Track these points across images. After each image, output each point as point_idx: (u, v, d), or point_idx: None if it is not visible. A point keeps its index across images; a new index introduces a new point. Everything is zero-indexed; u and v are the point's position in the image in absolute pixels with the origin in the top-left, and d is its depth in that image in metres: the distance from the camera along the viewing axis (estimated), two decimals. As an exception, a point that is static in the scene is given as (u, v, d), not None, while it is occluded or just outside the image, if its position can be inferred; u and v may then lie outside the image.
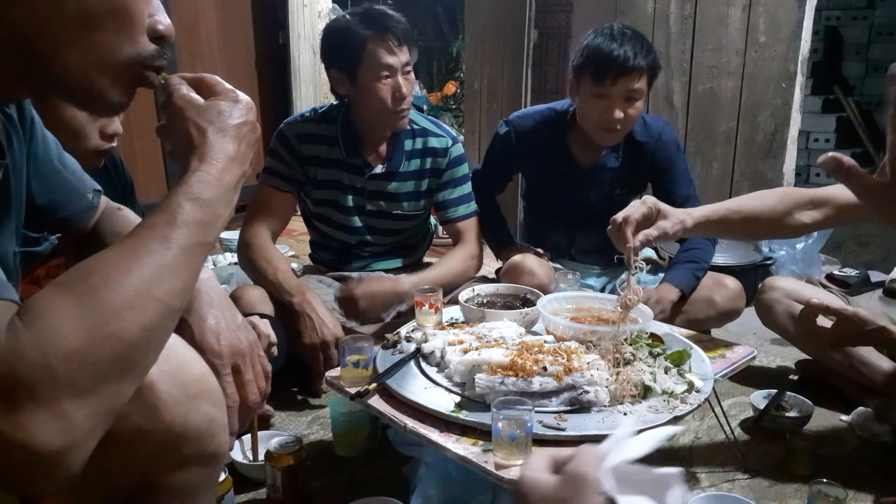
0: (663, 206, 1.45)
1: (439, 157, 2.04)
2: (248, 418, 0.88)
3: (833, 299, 1.93)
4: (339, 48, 1.89)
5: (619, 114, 1.92)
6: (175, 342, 0.75)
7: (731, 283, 2.05)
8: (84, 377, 0.57)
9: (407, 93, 1.88)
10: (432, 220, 2.33)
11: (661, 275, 2.17)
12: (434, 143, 2.05)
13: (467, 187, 2.11)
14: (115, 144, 1.41)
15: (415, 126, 2.04)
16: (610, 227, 1.42)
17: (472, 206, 2.10)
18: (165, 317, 0.63)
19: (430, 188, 2.08)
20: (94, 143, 1.34)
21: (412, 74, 1.91)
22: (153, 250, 0.64)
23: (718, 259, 2.62)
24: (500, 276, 2.07)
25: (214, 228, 0.71)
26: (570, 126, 2.10)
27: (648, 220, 1.43)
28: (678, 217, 1.45)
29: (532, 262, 1.94)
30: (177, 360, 0.74)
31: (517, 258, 1.97)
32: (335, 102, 2.04)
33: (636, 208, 1.43)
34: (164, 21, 0.74)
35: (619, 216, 1.42)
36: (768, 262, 2.72)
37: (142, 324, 0.60)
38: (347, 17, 1.89)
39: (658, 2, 3.07)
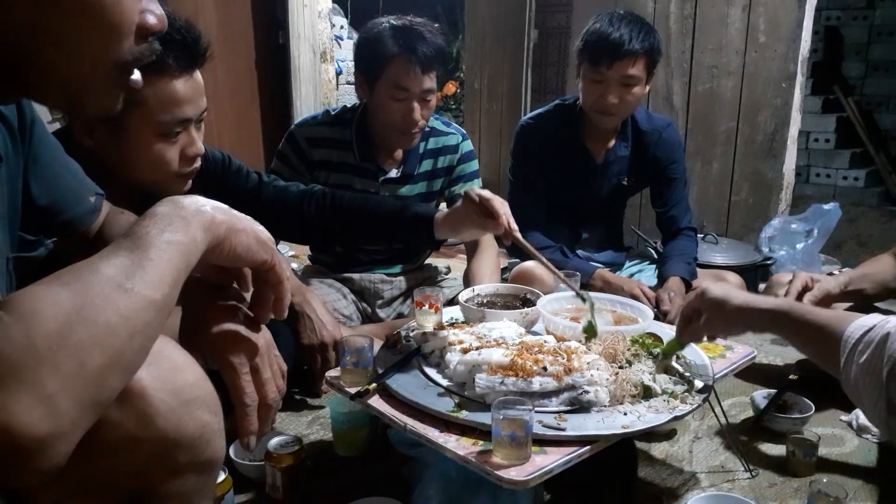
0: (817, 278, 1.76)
1: (451, 154, 2.05)
2: (268, 418, 0.87)
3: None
4: (366, 54, 1.89)
5: (613, 99, 1.97)
6: (168, 346, 0.73)
7: (733, 277, 2.11)
8: (66, 358, 0.56)
9: (419, 118, 1.87)
10: None
11: (652, 266, 2.23)
12: (444, 141, 2.05)
13: (477, 183, 2.11)
14: (198, 165, 1.35)
15: (425, 127, 2.02)
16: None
17: None
18: (143, 307, 0.63)
19: (442, 187, 2.09)
20: (175, 168, 1.30)
21: (433, 101, 1.89)
22: (126, 246, 0.66)
23: (719, 259, 2.63)
24: (509, 280, 2.07)
25: (189, 227, 0.71)
26: (581, 119, 2.13)
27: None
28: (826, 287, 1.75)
29: (542, 270, 1.94)
30: (169, 364, 0.72)
31: (528, 264, 1.99)
32: (348, 105, 2.04)
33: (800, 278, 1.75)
34: (155, 13, 0.72)
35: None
36: (768, 262, 2.73)
37: (116, 310, 0.61)
38: (386, 24, 1.87)
39: (658, 2, 3.07)
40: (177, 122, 1.27)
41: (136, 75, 0.75)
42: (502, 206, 1.38)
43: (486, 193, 1.40)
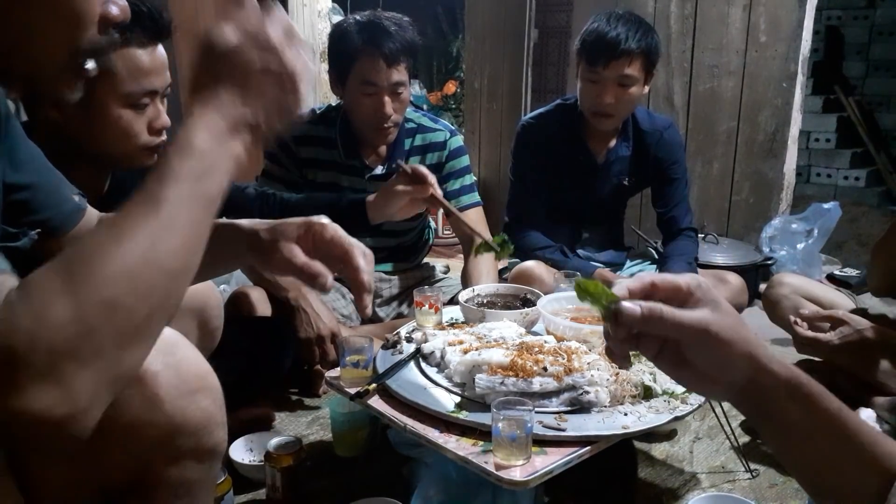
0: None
1: (439, 151, 2.04)
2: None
3: (838, 297, 1.93)
4: (335, 51, 1.90)
5: (609, 99, 1.96)
6: (179, 341, 0.76)
7: (733, 278, 2.11)
8: (84, 345, 0.56)
9: (391, 111, 1.86)
10: (432, 223, 2.32)
11: (652, 266, 2.22)
12: (432, 137, 2.04)
13: (469, 178, 2.10)
14: (164, 138, 1.37)
15: (412, 124, 2.03)
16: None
17: (475, 196, 2.08)
18: (165, 279, 0.62)
19: None
20: (143, 139, 1.33)
21: (405, 94, 1.88)
22: (141, 212, 0.62)
23: (719, 259, 2.62)
24: (509, 281, 2.06)
25: (212, 177, 0.66)
26: (582, 118, 2.12)
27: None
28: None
29: (541, 270, 1.95)
30: (181, 355, 0.75)
31: (528, 264, 1.99)
32: (333, 104, 2.04)
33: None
34: (118, 3, 0.72)
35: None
36: (769, 262, 2.72)
37: (136, 289, 0.59)
38: (352, 20, 1.88)
39: (658, 1, 3.06)
40: (144, 93, 1.30)
41: (91, 64, 0.74)
42: (429, 173, 1.57)
43: (415, 164, 1.57)
